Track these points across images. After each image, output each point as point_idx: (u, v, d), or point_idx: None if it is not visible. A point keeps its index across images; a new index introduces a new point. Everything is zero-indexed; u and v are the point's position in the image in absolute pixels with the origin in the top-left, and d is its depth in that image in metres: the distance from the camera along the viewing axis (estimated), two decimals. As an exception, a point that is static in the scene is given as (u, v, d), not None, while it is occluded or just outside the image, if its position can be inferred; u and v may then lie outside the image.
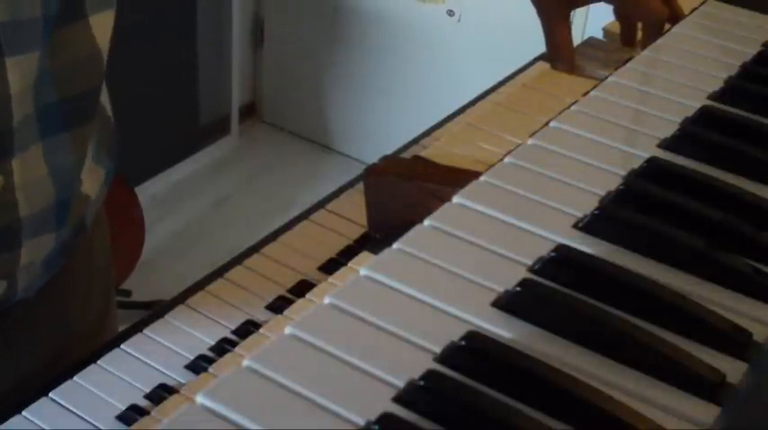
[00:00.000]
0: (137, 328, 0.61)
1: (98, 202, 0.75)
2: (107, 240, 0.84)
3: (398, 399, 0.44)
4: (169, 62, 2.58)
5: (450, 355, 0.46)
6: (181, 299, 0.64)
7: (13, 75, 0.58)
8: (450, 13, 2.57)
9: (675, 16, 0.86)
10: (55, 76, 0.62)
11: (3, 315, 0.68)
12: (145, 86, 2.45)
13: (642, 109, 0.70)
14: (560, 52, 0.86)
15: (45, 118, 0.62)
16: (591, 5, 0.89)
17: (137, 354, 0.59)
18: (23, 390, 0.59)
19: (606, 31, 0.92)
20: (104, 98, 0.74)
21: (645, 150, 0.64)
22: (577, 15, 2.28)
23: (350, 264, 0.64)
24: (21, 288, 0.67)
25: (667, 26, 0.85)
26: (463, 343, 0.47)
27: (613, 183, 0.60)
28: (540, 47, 0.91)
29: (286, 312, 0.61)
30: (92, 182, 0.72)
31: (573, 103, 0.70)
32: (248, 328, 0.61)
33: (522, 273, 0.52)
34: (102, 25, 0.64)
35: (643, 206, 0.58)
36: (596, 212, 0.57)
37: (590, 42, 0.91)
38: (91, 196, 0.72)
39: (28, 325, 0.72)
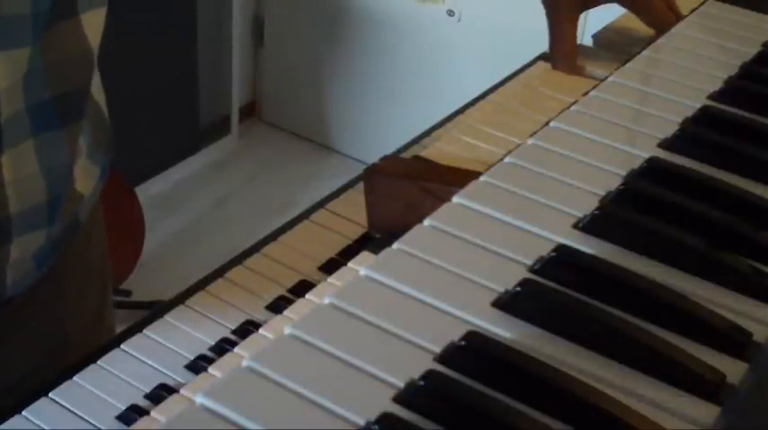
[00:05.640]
0: (137, 328, 0.61)
1: (92, 199, 0.75)
2: (103, 238, 0.84)
3: (398, 399, 0.44)
4: (169, 62, 2.58)
5: (451, 355, 0.46)
6: (181, 299, 0.64)
7: (1, 70, 0.58)
8: (450, 13, 2.57)
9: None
10: (46, 72, 0.62)
11: None
12: (145, 86, 2.45)
13: (642, 109, 0.70)
14: (564, 53, 0.85)
15: (36, 114, 0.63)
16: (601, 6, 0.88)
17: (137, 354, 0.59)
18: (19, 390, 0.59)
19: (596, 38, 0.92)
20: (99, 95, 0.74)
21: (645, 150, 0.64)
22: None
23: (350, 264, 0.64)
24: (10, 284, 0.67)
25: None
26: (463, 343, 0.47)
27: (613, 183, 0.60)
28: (539, 47, 0.91)
29: (286, 312, 0.61)
30: (86, 180, 0.72)
31: (573, 103, 0.70)
32: (248, 328, 0.61)
33: (522, 273, 0.52)
34: (93, 23, 0.65)
35: (643, 206, 0.58)
36: (596, 212, 0.57)
37: (590, 43, 0.91)
38: (84, 194, 0.72)
39: (20, 323, 0.72)
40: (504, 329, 0.49)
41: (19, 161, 0.63)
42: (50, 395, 0.56)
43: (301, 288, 0.64)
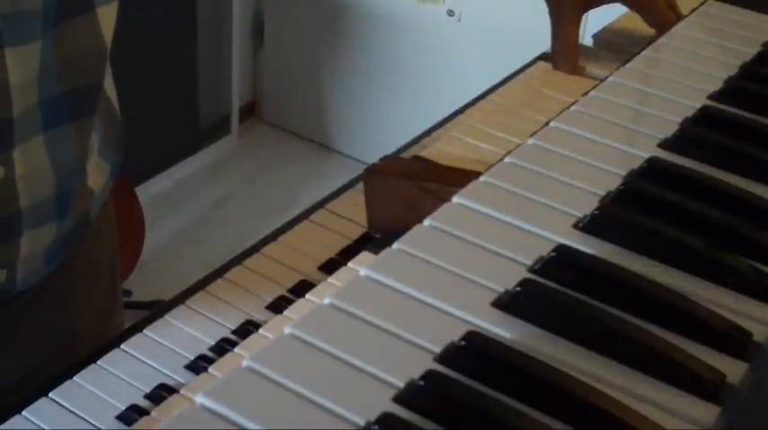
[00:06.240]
0: (137, 328, 0.61)
1: (103, 196, 0.75)
2: (113, 235, 0.84)
3: (398, 399, 0.44)
4: (169, 62, 2.58)
5: (451, 355, 0.46)
6: (181, 299, 0.64)
7: (12, 65, 0.58)
8: (450, 13, 2.57)
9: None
10: (60, 67, 0.62)
11: (4, 307, 0.68)
12: (145, 86, 2.45)
13: (642, 109, 0.70)
14: (565, 53, 0.85)
15: (48, 110, 0.63)
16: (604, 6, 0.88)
17: (137, 354, 0.59)
18: (26, 387, 0.59)
19: (596, 38, 0.92)
20: (111, 92, 0.74)
21: (645, 150, 0.64)
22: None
23: (350, 264, 0.64)
24: (21, 278, 0.67)
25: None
26: (463, 343, 0.47)
27: (613, 183, 0.60)
28: (539, 47, 0.91)
29: (286, 312, 0.61)
30: (97, 176, 0.72)
31: (573, 103, 0.70)
32: (248, 328, 0.61)
33: (522, 273, 0.52)
34: (107, 18, 0.65)
35: (643, 206, 0.58)
36: (596, 212, 0.57)
37: (590, 43, 0.91)
38: (95, 190, 0.72)
39: (29, 319, 0.72)
40: (504, 329, 0.49)
41: (29, 156, 0.63)
42: (50, 395, 0.56)
43: (301, 288, 0.64)
